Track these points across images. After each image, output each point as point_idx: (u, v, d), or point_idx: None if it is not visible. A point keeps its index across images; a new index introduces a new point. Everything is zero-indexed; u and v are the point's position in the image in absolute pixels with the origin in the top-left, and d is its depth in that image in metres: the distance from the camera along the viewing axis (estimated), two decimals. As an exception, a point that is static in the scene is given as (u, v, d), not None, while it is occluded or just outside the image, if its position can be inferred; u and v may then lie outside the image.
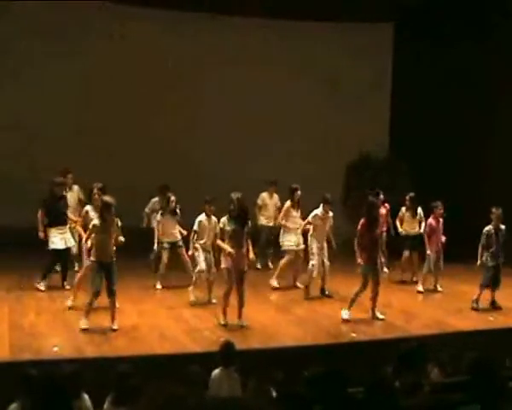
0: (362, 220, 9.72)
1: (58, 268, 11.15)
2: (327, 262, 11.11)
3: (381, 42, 16.75)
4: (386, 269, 12.69)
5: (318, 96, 16.13)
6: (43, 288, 10.72)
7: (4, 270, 11.50)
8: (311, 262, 11.01)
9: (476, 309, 10.47)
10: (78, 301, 9.58)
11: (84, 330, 8.58)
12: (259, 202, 13.32)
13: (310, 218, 11.06)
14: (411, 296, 11.41)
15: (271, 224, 13.07)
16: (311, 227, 11.06)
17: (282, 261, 11.73)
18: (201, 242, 10.34)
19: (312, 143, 15.91)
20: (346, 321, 9.49)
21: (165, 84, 15.16)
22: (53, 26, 14.48)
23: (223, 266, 9.21)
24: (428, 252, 11.62)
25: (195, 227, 10.34)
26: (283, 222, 11.70)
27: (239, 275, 9.13)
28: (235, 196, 9.12)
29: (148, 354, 8.00)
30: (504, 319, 10.02)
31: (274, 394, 5.99)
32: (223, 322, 9.16)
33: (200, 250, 10.37)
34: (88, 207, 10.14)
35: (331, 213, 11.12)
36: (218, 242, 9.38)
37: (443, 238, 11.63)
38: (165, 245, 11.33)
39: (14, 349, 7.82)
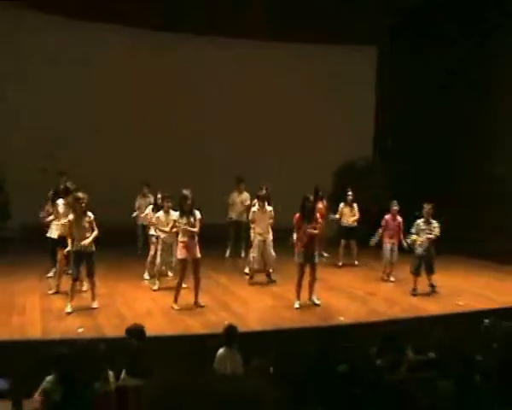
0: (297, 214, 9.44)
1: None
2: (273, 253, 10.84)
3: (365, 63, 16.65)
4: (325, 254, 12.94)
5: (310, 108, 16.04)
6: (51, 274, 10.59)
7: (35, 261, 11.39)
8: (251, 254, 10.92)
9: (415, 295, 10.34)
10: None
11: (69, 313, 8.52)
12: (229, 200, 13.25)
13: (250, 215, 11.04)
14: (393, 286, 11.26)
15: (238, 219, 13.06)
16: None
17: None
18: (162, 236, 10.26)
19: (304, 151, 15.82)
20: (297, 309, 9.22)
21: (175, 91, 15.17)
22: (66, 37, 14.44)
23: (178, 257, 9.17)
24: (384, 242, 11.47)
25: (155, 223, 10.32)
26: (250, 217, 11.37)
27: (193, 262, 9.08)
28: (187, 192, 8.98)
29: (160, 334, 7.89)
30: (472, 304, 9.91)
31: (271, 371, 5.90)
32: (177, 308, 9.03)
33: (160, 245, 10.33)
34: (59, 201, 9.89)
35: (270, 208, 10.89)
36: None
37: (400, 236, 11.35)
38: (153, 239, 11.01)
39: (45, 330, 7.82)
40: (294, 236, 9.56)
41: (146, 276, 11.00)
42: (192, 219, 8.96)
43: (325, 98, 16.08)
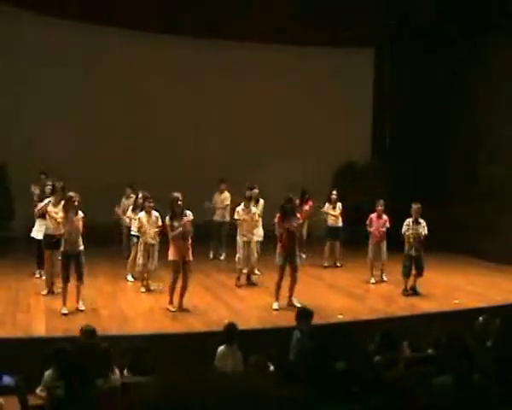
0: (278, 214, 9.26)
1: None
2: (255, 254, 10.68)
3: (365, 64, 16.69)
4: (303, 255, 12.42)
5: (310, 109, 16.06)
6: (37, 275, 10.46)
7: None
8: (237, 255, 10.66)
9: (407, 295, 10.22)
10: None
11: (65, 314, 8.44)
12: (213, 201, 12.97)
13: (235, 215, 10.74)
14: (391, 284, 11.27)
15: (220, 219, 12.85)
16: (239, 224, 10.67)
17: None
18: (144, 237, 10.06)
19: (304, 151, 15.85)
20: (276, 310, 9.07)
21: (175, 93, 15.21)
22: (66, 39, 14.49)
23: (170, 258, 8.93)
24: (370, 241, 11.33)
25: (137, 224, 10.10)
26: (236, 217, 10.81)
27: (184, 264, 8.91)
28: (178, 194, 8.80)
29: (161, 332, 7.95)
30: (469, 302, 9.97)
31: (271, 368, 5.96)
32: (172, 309, 8.87)
33: (142, 245, 10.09)
34: (50, 200, 9.67)
35: (254, 209, 10.72)
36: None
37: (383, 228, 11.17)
38: (135, 239, 10.68)
39: (49, 328, 7.90)
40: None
41: (129, 277, 10.73)
42: (186, 222, 8.80)
43: (325, 100, 16.12)
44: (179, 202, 8.79)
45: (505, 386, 4.84)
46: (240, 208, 10.66)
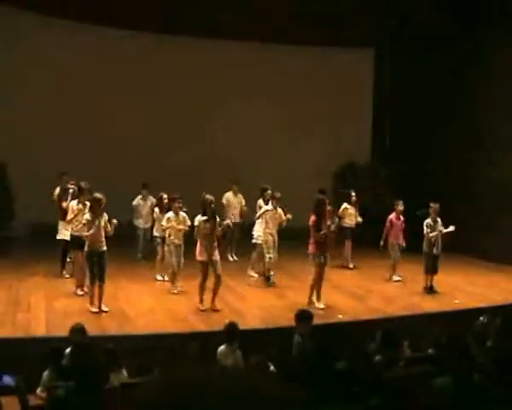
0: (312, 217, 9.32)
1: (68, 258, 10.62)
2: (275, 255, 10.75)
3: (365, 64, 16.68)
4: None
5: (309, 109, 16.05)
6: (67, 275, 10.50)
7: (40, 260, 11.46)
8: (268, 255, 10.66)
9: (429, 293, 10.35)
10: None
11: (95, 312, 8.54)
12: (224, 201, 12.74)
13: (262, 212, 10.67)
14: (392, 284, 11.25)
15: (236, 220, 12.67)
16: (263, 222, 10.63)
17: (253, 253, 11.22)
18: (171, 237, 10.02)
19: (304, 152, 15.84)
20: (322, 309, 9.14)
21: (175, 93, 15.18)
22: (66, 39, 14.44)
23: (198, 259, 8.97)
24: (391, 241, 11.35)
25: (165, 224, 10.02)
26: (261, 214, 10.88)
27: (213, 265, 8.96)
28: (210, 197, 8.91)
29: (162, 332, 7.96)
30: (469, 302, 9.98)
31: (272, 368, 5.96)
32: (202, 308, 8.95)
33: (172, 246, 10.06)
34: (73, 202, 9.76)
35: (280, 210, 10.73)
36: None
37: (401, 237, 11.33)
38: (158, 240, 10.89)
39: (49, 328, 7.91)
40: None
41: (158, 277, 10.78)
42: (216, 224, 8.93)
43: (325, 100, 16.12)
44: (212, 205, 8.89)
45: (505, 386, 4.84)
46: (269, 207, 10.70)
